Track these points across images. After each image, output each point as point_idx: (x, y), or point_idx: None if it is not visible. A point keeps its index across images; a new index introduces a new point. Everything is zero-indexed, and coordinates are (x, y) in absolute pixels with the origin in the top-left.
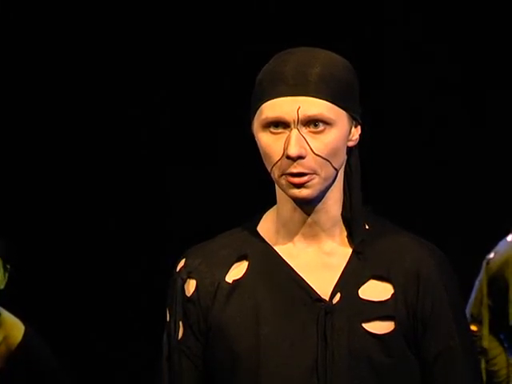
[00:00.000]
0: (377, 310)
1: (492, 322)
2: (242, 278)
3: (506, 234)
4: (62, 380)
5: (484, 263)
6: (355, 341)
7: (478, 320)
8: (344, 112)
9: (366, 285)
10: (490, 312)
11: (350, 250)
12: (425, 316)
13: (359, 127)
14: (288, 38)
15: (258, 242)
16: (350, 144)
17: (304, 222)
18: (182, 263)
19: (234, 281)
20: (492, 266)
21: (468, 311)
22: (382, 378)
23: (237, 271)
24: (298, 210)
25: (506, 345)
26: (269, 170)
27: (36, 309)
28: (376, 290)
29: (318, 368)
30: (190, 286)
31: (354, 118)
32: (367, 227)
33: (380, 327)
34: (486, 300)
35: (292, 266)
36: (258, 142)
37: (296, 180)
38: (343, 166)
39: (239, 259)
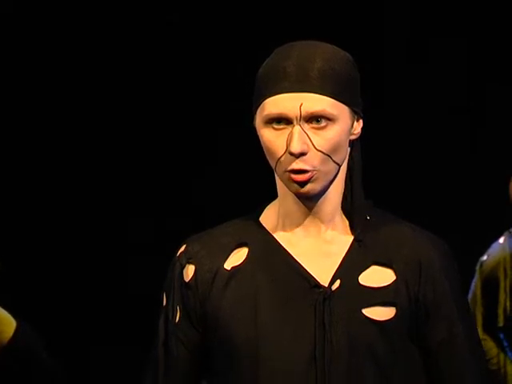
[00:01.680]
0: (377, 296)
1: (488, 322)
2: (241, 264)
3: (499, 236)
4: (55, 376)
5: (478, 265)
6: (355, 327)
7: None
8: (346, 107)
9: (366, 271)
10: (486, 313)
11: (350, 239)
12: (427, 303)
13: (361, 121)
14: (289, 36)
15: (259, 231)
16: (352, 138)
17: (305, 213)
18: (182, 249)
19: (232, 268)
20: (485, 269)
21: None
22: (382, 365)
23: (236, 258)
24: (300, 203)
25: (505, 344)
26: (272, 165)
27: (28, 305)
28: (377, 277)
29: (316, 355)
30: (189, 272)
31: (356, 112)
32: (368, 218)
33: (381, 313)
34: (479, 302)
35: (292, 253)
36: (260, 137)
37: (299, 178)
38: (346, 160)
39: (239, 246)
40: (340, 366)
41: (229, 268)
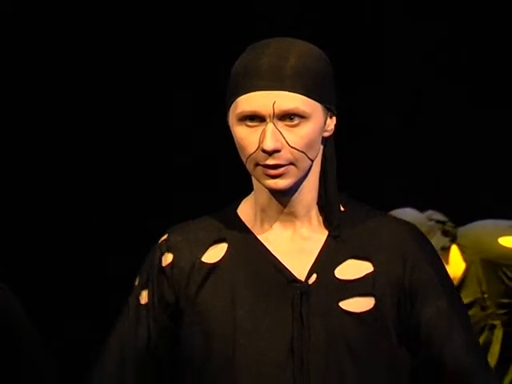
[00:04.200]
0: (354, 288)
1: None
2: (219, 261)
3: None
4: (33, 336)
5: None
6: (332, 321)
7: None
8: (319, 104)
9: (342, 265)
10: None
11: (326, 233)
12: (412, 288)
13: (334, 118)
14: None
15: (237, 226)
16: (326, 134)
17: (280, 209)
18: (164, 237)
19: (211, 263)
20: None
21: None
22: (360, 358)
23: (214, 253)
24: (274, 198)
25: None
26: (244, 161)
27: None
28: (353, 270)
29: (293, 349)
30: (167, 259)
31: (329, 109)
32: (343, 209)
33: (358, 305)
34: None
35: (270, 249)
36: (233, 134)
37: (272, 172)
38: (319, 155)
39: (217, 242)
40: (318, 360)
41: (207, 262)
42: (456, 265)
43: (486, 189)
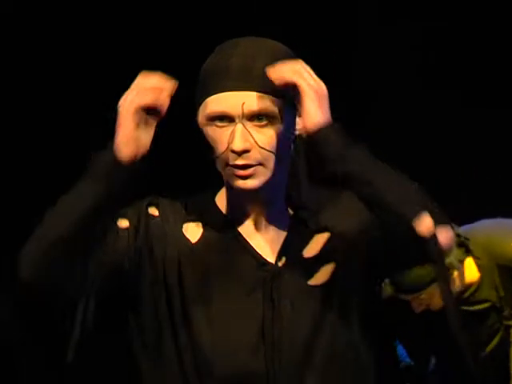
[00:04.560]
0: (319, 262)
1: None
2: (195, 243)
3: None
4: None
5: None
6: (301, 300)
7: None
8: (288, 104)
9: (309, 244)
10: None
11: (291, 220)
12: (377, 246)
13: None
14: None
15: (214, 211)
16: (296, 133)
17: (249, 200)
18: (152, 197)
19: (186, 246)
20: None
21: None
22: (331, 332)
23: (192, 231)
24: (242, 195)
25: None
26: (214, 160)
27: None
28: (317, 246)
29: (264, 332)
30: (154, 212)
31: (298, 109)
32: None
33: (322, 276)
34: None
35: (243, 234)
36: (204, 134)
37: (241, 172)
38: (288, 154)
39: (195, 221)
40: (289, 340)
41: (186, 236)
42: (471, 274)
43: (485, 189)
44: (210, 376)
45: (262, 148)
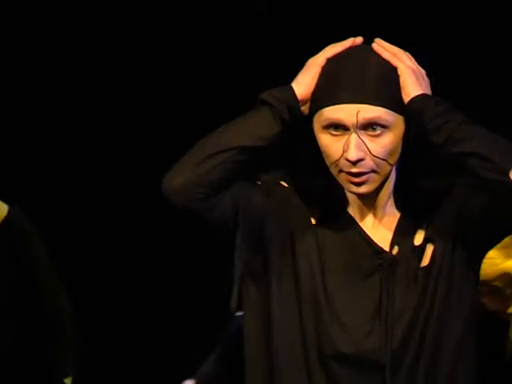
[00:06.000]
0: (426, 248)
1: None
2: (315, 224)
3: None
4: (43, 261)
5: None
6: (413, 286)
7: None
8: (400, 114)
9: (416, 234)
10: None
11: (398, 212)
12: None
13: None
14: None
15: (332, 200)
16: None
17: (362, 200)
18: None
19: (308, 223)
20: None
21: None
22: (437, 313)
23: (313, 215)
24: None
25: None
26: (328, 165)
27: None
28: (423, 235)
29: (380, 316)
30: (283, 183)
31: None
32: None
33: (428, 261)
34: None
35: (360, 224)
36: (318, 140)
37: (355, 179)
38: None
39: (315, 205)
40: (402, 325)
41: (308, 215)
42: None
43: None
44: (331, 350)
45: (376, 157)
